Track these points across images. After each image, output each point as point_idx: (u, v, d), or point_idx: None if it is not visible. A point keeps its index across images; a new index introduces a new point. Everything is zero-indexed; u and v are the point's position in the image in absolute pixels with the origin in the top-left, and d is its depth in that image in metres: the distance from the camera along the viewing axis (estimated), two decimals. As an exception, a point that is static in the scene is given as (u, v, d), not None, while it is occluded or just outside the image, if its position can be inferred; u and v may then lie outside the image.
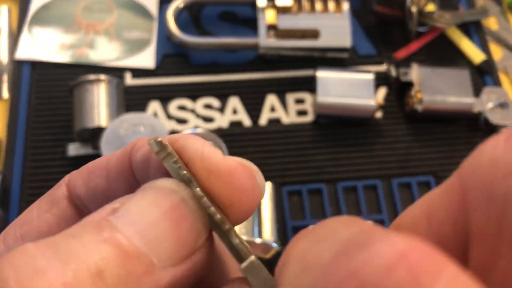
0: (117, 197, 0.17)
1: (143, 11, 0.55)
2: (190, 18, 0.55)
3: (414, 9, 0.52)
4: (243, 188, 0.16)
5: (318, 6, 0.52)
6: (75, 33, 0.53)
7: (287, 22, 0.51)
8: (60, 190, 0.20)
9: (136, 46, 0.53)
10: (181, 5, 0.53)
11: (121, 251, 0.14)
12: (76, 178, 0.20)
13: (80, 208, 0.20)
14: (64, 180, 0.21)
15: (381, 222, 0.46)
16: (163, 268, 0.14)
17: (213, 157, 0.16)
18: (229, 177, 0.16)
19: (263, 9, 0.51)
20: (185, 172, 0.15)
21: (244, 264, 0.15)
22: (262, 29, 0.50)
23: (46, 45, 0.52)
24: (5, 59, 0.52)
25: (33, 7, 0.54)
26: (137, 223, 0.14)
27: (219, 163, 0.16)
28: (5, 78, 0.51)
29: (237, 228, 0.40)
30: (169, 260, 0.15)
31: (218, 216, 0.15)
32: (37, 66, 0.51)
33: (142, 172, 0.17)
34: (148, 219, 0.15)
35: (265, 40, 0.50)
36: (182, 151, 0.16)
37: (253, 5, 0.53)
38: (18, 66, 0.51)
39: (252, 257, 0.15)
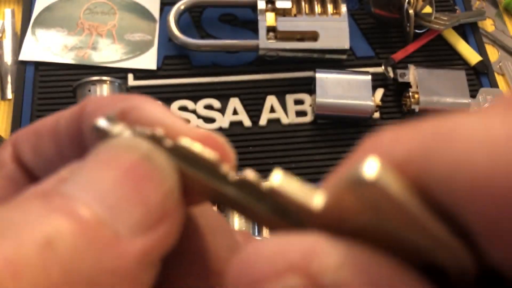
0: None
1: (145, 13, 0.56)
2: (191, 20, 0.56)
3: (411, 11, 0.53)
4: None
5: (317, 8, 0.52)
6: (78, 35, 0.54)
7: (286, 24, 0.51)
8: (5, 151, 0.17)
9: (138, 48, 0.54)
10: (182, 7, 0.54)
11: (76, 219, 0.12)
12: (22, 140, 0.17)
13: (29, 172, 0.17)
14: (11, 139, 0.18)
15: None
16: (130, 237, 0.12)
17: (179, 126, 0.14)
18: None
19: (263, 12, 0.52)
20: (150, 131, 0.13)
21: (274, 179, 0.12)
22: (262, 31, 0.51)
23: (49, 46, 0.53)
24: (9, 60, 0.53)
25: (37, 9, 0.55)
26: (93, 188, 0.12)
27: (187, 133, 0.14)
28: (9, 79, 0.52)
29: (236, 227, 0.41)
30: (136, 227, 0.12)
31: (207, 155, 0.13)
32: (40, 67, 0.52)
33: (96, 142, 0.15)
34: (106, 182, 0.12)
35: (265, 42, 0.51)
36: (140, 122, 0.14)
37: (253, 7, 0.54)
38: (21, 67, 0.52)
39: (278, 171, 0.12)
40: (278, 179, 0.12)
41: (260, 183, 0.13)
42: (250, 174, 0.13)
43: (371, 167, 0.10)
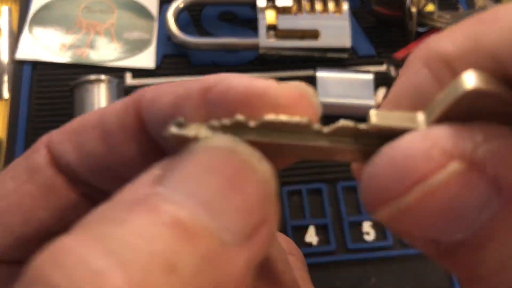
0: (124, 164, 0.15)
1: (143, 12, 0.55)
2: (190, 19, 0.56)
3: (413, 10, 0.52)
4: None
5: (318, 6, 0.52)
6: (76, 34, 0.53)
7: (287, 23, 0.51)
8: (39, 155, 0.16)
9: (137, 47, 0.53)
10: (181, 6, 0.53)
11: (188, 234, 0.11)
12: (61, 141, 0.16)
13: (70, 176, 0.17)
14: (41, 142, 0.17)
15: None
16: (236, 245, 0.12)
17: (272, 90, 0.14)
18: (293, 110, 0.14)
19: (263, 10, 0.51)
20: (229, 120, 0.13)
21: (372, 116, 0.14)
22: (262, 30, 0.51)
23: (46, 45, 0.52)
24: (5, 59, 0.52)
25: (34, 7, 0.54)
26: (197, 194, 0.12)
27: (282, 94, 0.14)
28: (6, 78, 0.51)
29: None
30: (240, 235, 0.12)
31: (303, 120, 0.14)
32: (37, 66, 0.51)
33: (162, 128, 0.14)
34: (209, 189, 0.12)
35: (265, 41, 0.50)
36: (228, 94, 0.13)
37: (253, 5, 0.53)
38: (18, 66, 0.51)
39: (372, 111, 0.14)
40: (374, 116, 0.14)
41: (358, 126, 0.14)
42: (343, 122, 0.15)
43: (471, 78, 0.13)
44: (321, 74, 0.49)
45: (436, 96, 0.14)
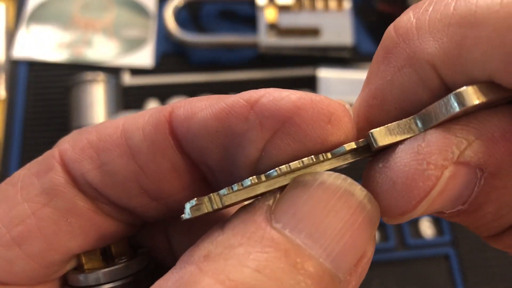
0: (154, 180, 0.15)
1: (141, 9, 0.55)
2: (189, 16, 0.55)
3: (416, 7, 0.51)
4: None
5: (319, 3, 0.51)
6: (73, 32, 0.53)
7: (287, 20, 0.50)
8: (56, 175, 0.16)
9: (135, 45, 0.53)
10: (181, 3, 0.52)
11: (314, 276, 0.13)
12: (79, 159, 0.16)
13: (91, 196, 0.16)
14: (53, 157, 0.16)
15: (382, 223, 0.45)
16: (345, 280, 0.13)
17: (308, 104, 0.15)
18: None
19: (262, 8, 0.50)
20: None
21: (377, 139, 0.15)
22: (262, 28, 0.50)
23: (43, 44, 0.52)
24: (1, 58, 0.52)
25: (31, 5, 0.54)
26: (319, 239, 0.13)
27: (332, 107, 0.15)
28: (2, 77, 0.51)
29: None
30: (350, 270, 0.14)
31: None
32: (34, 65, 0.51)
33: (204, 143, 0.15)
34: (330, 231, 0.13)
35: (265, 39, 0.50)
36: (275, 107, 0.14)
37: (253, 3, 0.53)
38: (14, 65, 0.51)
39: (374, 132, 0.15)
40: (379, 137, 0.15)
41: (372, 147, 0.16)
42: (350, 145, 0.16)
43: (466, 95, 0.14)
44: (322, 72, 0.48)
45: (430, 105, 0.15)
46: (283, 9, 0.50)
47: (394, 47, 0.16)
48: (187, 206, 0.15)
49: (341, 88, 0.48)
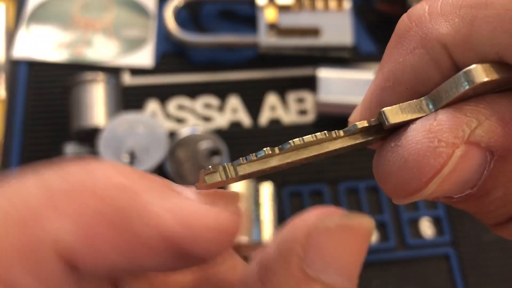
0: None
1: (141, 9, 0.55)
2: (189, 16, 0.55)
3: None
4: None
5: (319, 3, 0.51)
6: (73, 32, 0.53)
7: (287, 20, 0.50)
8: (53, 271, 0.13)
9: (135, 45, 0.53)
10: (180, 3, 0.52)
11: None
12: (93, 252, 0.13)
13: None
14: (49, 234, 0.13)
15: (382, 223, 0.45)
16: None
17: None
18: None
19: (262, 7, 0.50)
20: None
21: (389, 116, 0.16)
22: (262, 28, 0.50)
23: (43, 43, 0.52)
24: (1, 58, 0.52)
25: (31, 5, 0.54)
26: (346, 273, 0.15)
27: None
28: (2, 77, 0.51)
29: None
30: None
31: None
32: (34, 65, 0.51)
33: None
34: (354, 267, 0.15)
35: (265, 39, 0.50)
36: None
37: (253, 3, 0.53)
38: (14, 65, 0.51)
39: (385, 110, 0.16)
40: (390, 115, 0.16)
41: (372, 123, 0.16)
42: (359, 124, 0.16)
43: (476, 73, 0.15)
44: (322, 72, 0.48)
45: (441, 85, 0.15)
46: (283, 9, 0.50)
47: (407, 31, 0.16)
48: (202, 173, 0.15)
49: (341, 88, 0.48)
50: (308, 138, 0.16)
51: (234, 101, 0.50)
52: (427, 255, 0.44)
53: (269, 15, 0.50)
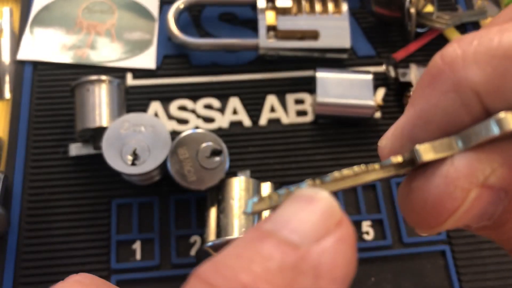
0: None
1: (144, 12, 0.56)
2: (191, 19, 0.56)
3: (412, 10, 0.52)
4: None
5: (318, 7, 0.52)
6: (77, 34, 0.54)
7: (287, 23, 0.51)
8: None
9: (137, 47, 0.53)
10: (182, 6, 0.53)
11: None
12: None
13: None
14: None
15: (380, 222, 0.46)
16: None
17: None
18: None
19: (263, 10, 0.51)
20: None
21: (422, 154, 0.17)
22: (262, 30, 0.51)
23: (47, 45, 0.53)
24: (6, 59, 0.53)
25: (35, 8, 0.55)
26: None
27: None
28: (7, 78, 0.52)
29: (236, 228, 0.41)
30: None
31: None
32: (38, 67, 0.52)
33: None
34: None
35: (265, 41, 0.51)
36: None
37: (253, 6, 0.53)
38: (19, 67, 0.52)
39: (418, 146, 0.18)
40: (424, 153, 0.17)
41: (405, 159, 0.18)
42: (393, 159, 0.18)
43: (505, 121, 0.16)
44: (320, 74, 0.49)
45: (470, 126, 0.17)
46: (282, 12, 0.51)
47: (440, 73, 0.17)
48: (249, 201, 0.18)
49: (339, 89, 0.49)
50: (347, 171, 0.18)
51: (234, 102, 0.51)
52: (423, 252, 0.45)
53: (269, 18, 0.51)
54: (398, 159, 0.18)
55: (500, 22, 0.18)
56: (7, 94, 0.51)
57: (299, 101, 0.52)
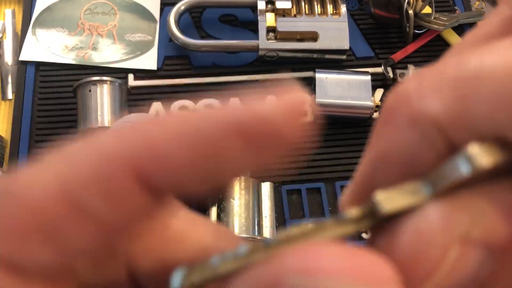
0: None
1: (145, 14, 0.56)
2: (191, 21, 0.56)
3: (411, 12, 0.53)
4: None
5: (317, 9, 0.53)
6: (79, 35, 0.54)
7: (286, 25, 0.51)
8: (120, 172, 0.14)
9: (139, 48, 0.54)
10: (183, 8, 0.54)
11: None
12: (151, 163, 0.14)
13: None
14: (123, 156, 0.14)
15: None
16: None
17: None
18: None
19: (263, 12, 0.52)
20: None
21: (383, 205, 0.14)
22: (262, 32, 0.51)
23: (49, 46, 0.53)
24: (9, 60, 0.53)
25: (37, 10, 0.55)
26: None
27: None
28: (10, 79, 0.52)
29: (236, 227, 0.41)
30: None
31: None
32: (41, 67, 0.52)
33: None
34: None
35: (265, 42, 0.51)
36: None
37: (254, 8, 0.54)
38: (22, 67, 0.52)
39: (378, 196, 0.14)
40: (385, 204, 0.14)
41: (377, 212, 0.14)
42: (352, 211, 0.14)
43: (476, 156, 0.13)
44: (319, 75, 0.50)
45: (438, 167, 0.14)
46: (282, 14, 0.52)
47: (396, 109, 0.15)
48: (178, 273, 0.14)
49: (338, 89, 0.49)
50: (295, 231, 0.14)
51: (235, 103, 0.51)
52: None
53: (269, 19, 0.52)
54: (354, 211, 0.14)
55: (460, 49, 0.16)
56: (10, 95, 0.52)
57: (298, 102, 0.52)
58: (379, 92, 0.53)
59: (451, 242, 0.13)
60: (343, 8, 0.53)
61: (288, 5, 0.52)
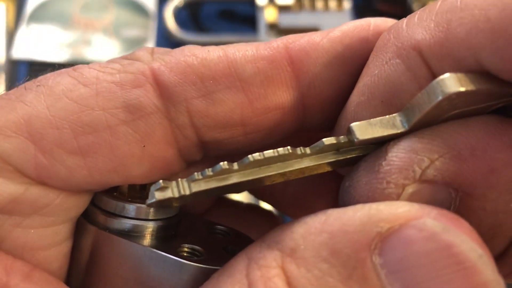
0: (259, 116, 0.16)
1: (141, 9, 0.55)
2: (189, 16, 0.55)
3: (416, 7, 0.52)
4: None
5: (319, 3, 0.51)
6: (73, 32, 0.53)
7: (288, 20, 0.50)
8: (145, 94, 0.15)
9: (134, 44, 0.53)
10: (180, 3, 0.53)
11: None
12: (183, 84, 0.15)
13: (181, 125, 0.15)
14: (144, 74, 0.15)
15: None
16: None
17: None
18: None
19: (262, 8, 0.51)
20: None
21: (356, 132, 0.14)
22: (261, 27, 0.50)
23: (43, 44, 0.52)
24: (1, 58, 0.52)
25: (30, 6, 0.54)
26: None
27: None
28: (2, 77, 0.51)
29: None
30: None
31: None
32: (33, 65, 0.51)
33: (324, 73, 0.16)
34: None
35: (265, 38, 0.50)
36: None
37: (253, 3, 0.53)
38: (14, 66, 0.51)
39: (353, 125, 0.15)
40: (358, 131, 0.14)
41: (341, 141, 0.15)
42: (325, 140, 0.15)
43: (449, 81, 0.13)
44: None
45: (414, 97, 0.14)
46: (283, 9, 0.51)
47: (385, 43, 0.16)
48: (152, 188, 0.14)
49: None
50: (268, 153, 0.14)
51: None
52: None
53: (269, 15, 0.51)
54: (332, 140, 0.15)
55: None
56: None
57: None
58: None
59: (409, 181, 0.14)
60: (347, 3, 0.51)
61: (289, 0, 0.51)
